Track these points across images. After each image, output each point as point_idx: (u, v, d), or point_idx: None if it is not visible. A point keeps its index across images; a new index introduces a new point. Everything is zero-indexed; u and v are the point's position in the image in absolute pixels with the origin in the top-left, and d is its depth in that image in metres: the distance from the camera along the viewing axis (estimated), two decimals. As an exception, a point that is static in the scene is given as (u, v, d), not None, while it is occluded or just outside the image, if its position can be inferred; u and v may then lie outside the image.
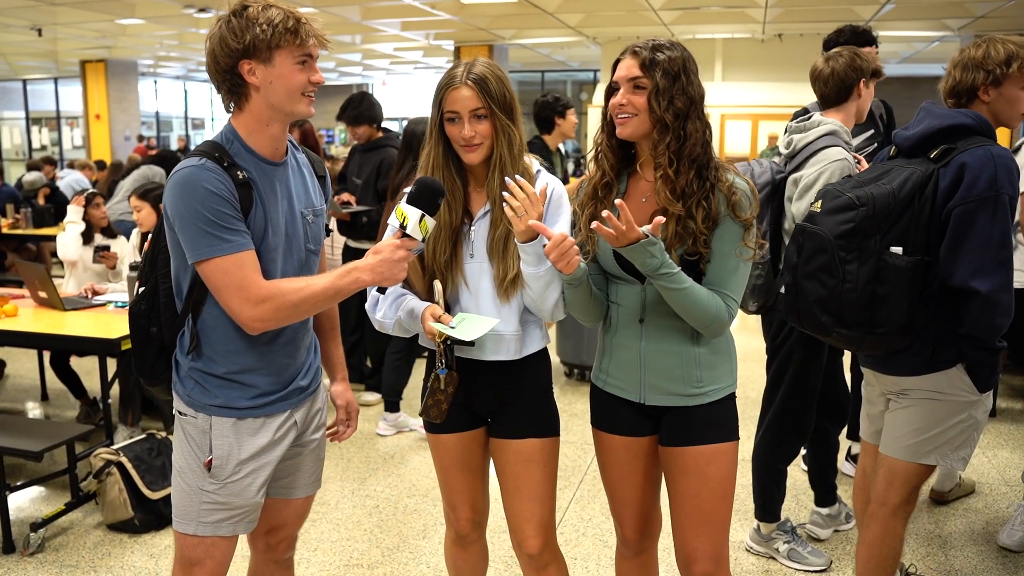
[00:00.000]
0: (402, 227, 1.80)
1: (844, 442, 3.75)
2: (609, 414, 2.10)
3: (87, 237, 4.83)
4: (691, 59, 1.93)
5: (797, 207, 2.70)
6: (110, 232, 4.95)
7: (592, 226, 1.82)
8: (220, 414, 1.87)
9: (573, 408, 4.84)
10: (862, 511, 2.70)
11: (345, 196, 4.76)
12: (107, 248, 4.82)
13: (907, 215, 2.17)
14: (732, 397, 2.04)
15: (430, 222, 1.83)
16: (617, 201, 1.79)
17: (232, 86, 1.77)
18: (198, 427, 1.88)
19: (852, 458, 3.74)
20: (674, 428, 2.01)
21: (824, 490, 3.25)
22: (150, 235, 1.97)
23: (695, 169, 1.89)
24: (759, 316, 3.08)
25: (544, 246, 1.88)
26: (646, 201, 1.97)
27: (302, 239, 1.92)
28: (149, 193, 4.34)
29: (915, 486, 2.35)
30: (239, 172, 1.76)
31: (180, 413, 1.92)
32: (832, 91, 2.84)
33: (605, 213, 1.79)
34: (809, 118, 2.86)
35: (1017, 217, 2.39)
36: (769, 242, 2.84)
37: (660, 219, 1.80)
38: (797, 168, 2.79)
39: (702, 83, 1.94)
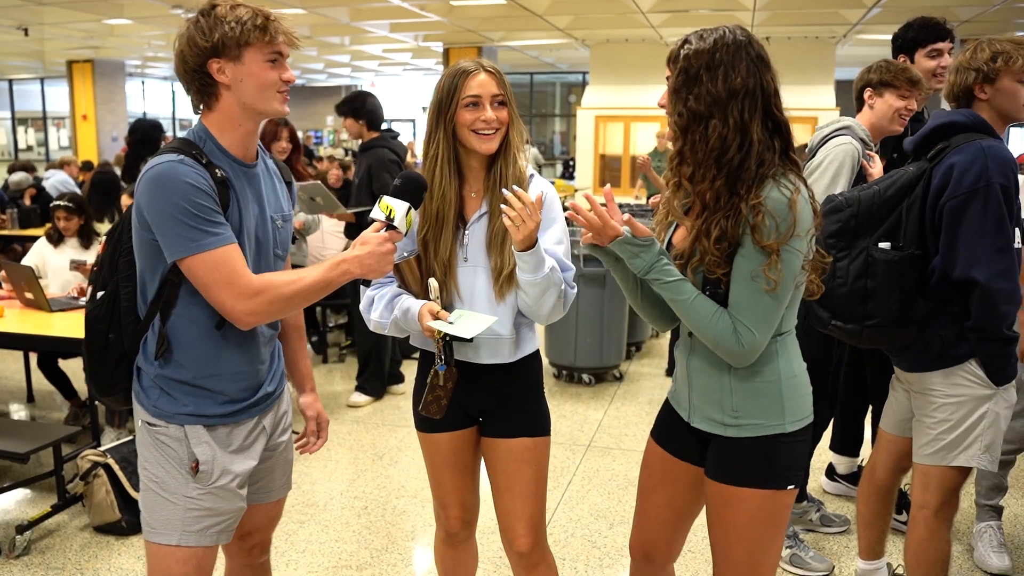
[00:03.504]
0: (388, 219, 1.80)
1: (829, 457, 3.76)
2: (665, 428, 2.00)
3: (56, 241, 4.77)
4: (732, 48, 1.68)
5: None
6: (89, 236, 4.84)
7: (565, 215, 1.81)
8: (191, 422, 1.81)
9: (561, 410, 4.85)
10: (866, 508, 2.72)
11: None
12: (83, 262, 4.72)
13: (895, 212, 2.27)
14: (779, 438, 1.77)
15: (414, 216, 1.85)
16: (585, 194, 1.79)
17: (202, 86, 1.74)
18: (173, 436, 1.81)
19: (837, 476, 3.73)
20: (711, 458, 1.86)
21: None
22: (104, 237, 1.91)
23: (724, 177, 1.68)
24: None
25: (551, 246, 1.90)
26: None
27: (271, 244, 1.89)
28: None
29: (951, 488, 2.36)
30: (217, 170, 1.73)
31: (149, 424, 1.83)
32: (855, 98, 2.99)
33: (570, 203, 1.75)
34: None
35: None
36: None
37: (628, 216, 1.74)
38: (808, 161, 2.90)
39: (754, 75, 1.68)
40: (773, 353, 1.78)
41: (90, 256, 4.75)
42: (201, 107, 1.79)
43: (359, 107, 4.68)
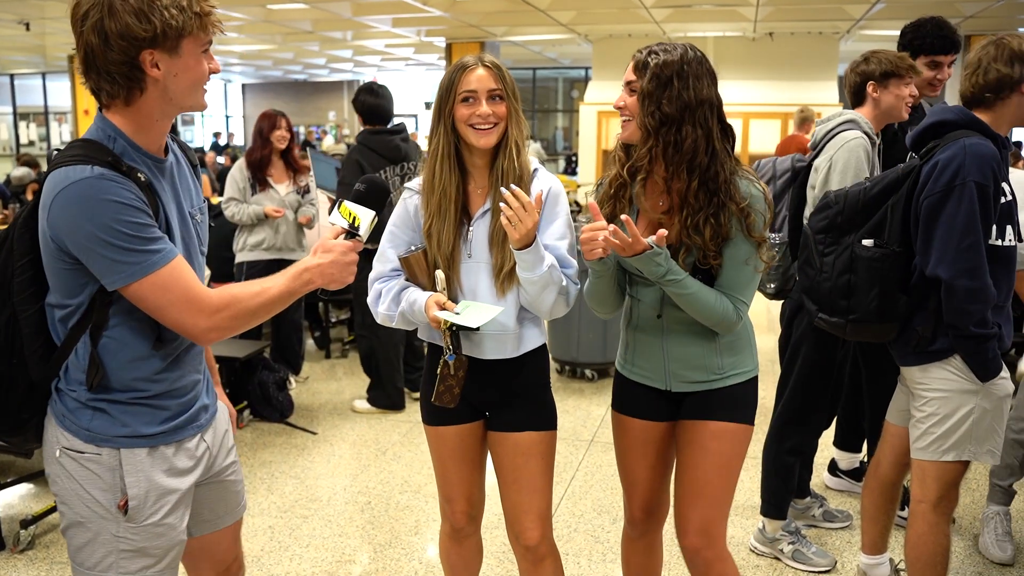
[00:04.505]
0: (352, 227, 1.71)
1: (832, 453, 3.77)
2: (631, 399, 2.19)
3: None
4: (695, 62, 1.89)
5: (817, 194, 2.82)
6: None
7: (600, 239, 1.85)
8: (130, 445, 1.61)
9: (564, 405, 4.85)
10: (870, 502, 2.72)
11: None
12: None
13: (881, 210, 2.32)
14: (753, 381, 2.10)
15: (374, 223, 1.75)
16: (623, 217, 1.83)
17: (127, 79, 1.50)
18: (104, 464, 1.60)
19: (840, 472, 3.73)
20: (692, 405, 2.09)
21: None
22: None
23: (698, 178, 1.89)
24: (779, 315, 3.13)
25: (544, 249, 1.92)
26: (662, 204, 2.01)
27: (196, 243, 1.72)
28: None
29: (949, 483, 2.37)
30: (139, 174, 1.52)
31: (74, 451, 1.60)
32: (850, 94, 2.99)
33: (612, 228, 1.83)
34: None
35: None
36: (789, 227, 3.00)
37: (663, 232, 1.86)
38: (815, 157, 2.91)
39: (711, 87, 1.90)
40: None
41: None
42: (110, 101, 1.55)
43: (364, 101, 4.66)
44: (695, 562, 2.12)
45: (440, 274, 2.00)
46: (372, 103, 4.63)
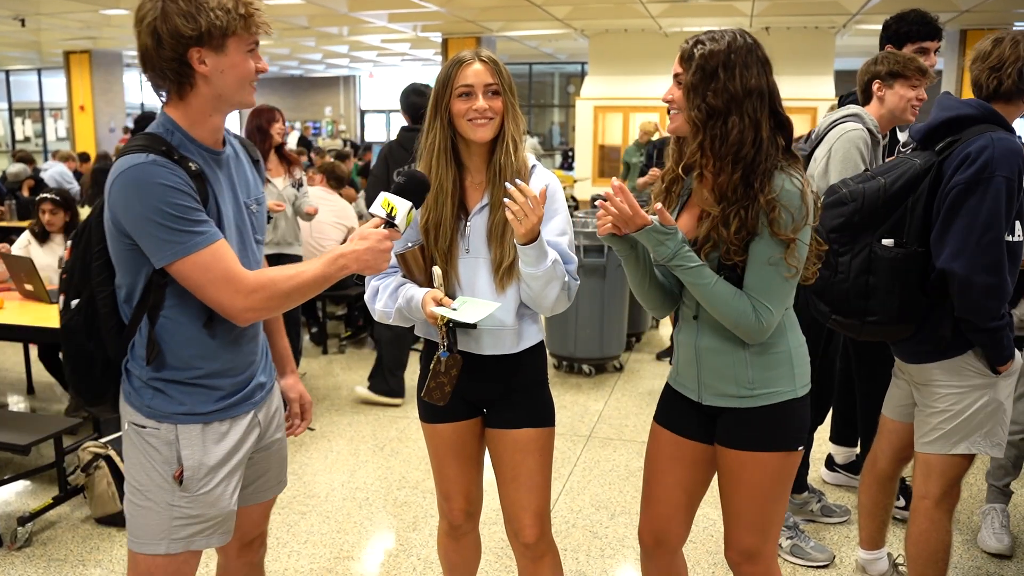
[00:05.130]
0: (389, 217, 1.79)
1: (828, 447, 3.78)
2: (669, 409, 2.08)
3: (41, 238, 4.74)
4: (743, 51, 1.79)
5: (819, 186, 2.80)
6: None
7: (595, 203, 1.83)
8: (186, 421, 1.75)
9: (562, 400, 4.85)
10: (867, 498, 2.72)
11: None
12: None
13: (900, 208, 2.24)
14: (792, 403, 1.91)
15: (415, 214, 1.85)
16: (616, 184, 1.80)
17: (177, 76, 1.64)
18: (162, 438, 1.75)
19: (836, 466, 3.74)
20: (724, 427, 1.96)
21: None
22: (70, 241, 1.84)
23: (741, 171, 1.78)
24: None
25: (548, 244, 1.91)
26: (707, 198, 1.92)
27: (251, 231, 1.84)
28: None
29: (953, 478, 2.37)
30: (190, 164, 1.66)
31: (139, 426, 1.77)
32: (859, 92, 2.97)
33: (606, 193, 1.80)
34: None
35: None
36: None
37: (658, 205, 1.81)
38: (815, 147, 2.90)
39: (762, 76, 1.80)
40: (783, 327, 1.92)
41: None
42: (167, 97, 1.70)
43: (402, 99, 4.73)
44: (736, 573, 2.07)
45: (437, 270, 2.00)
46: (418, 103, 4.69)
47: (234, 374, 1.82)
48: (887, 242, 2.26)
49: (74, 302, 1.79)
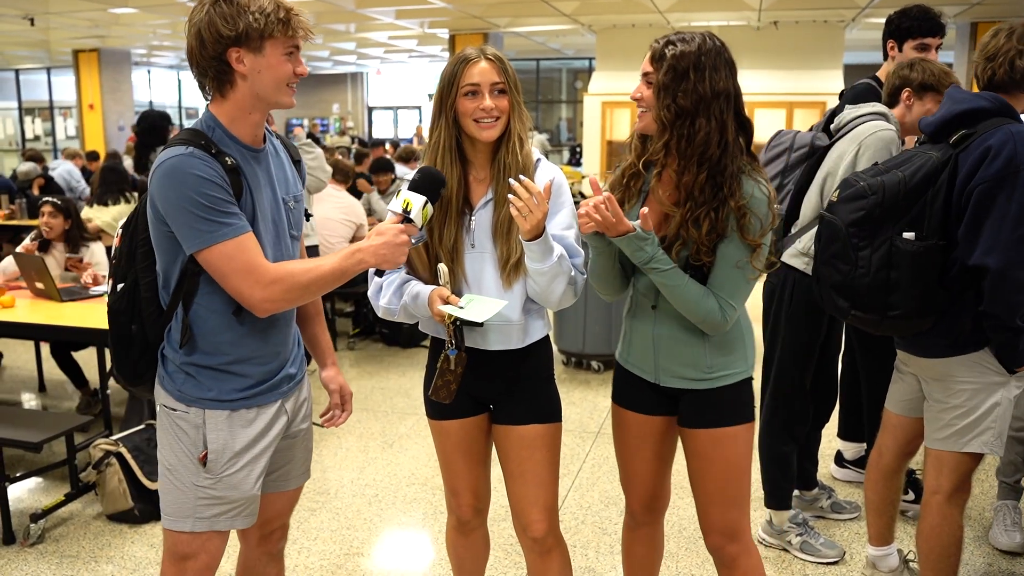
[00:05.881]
0: (405, 212, 1.82)
1: (837, 444, 3.76)
2: (628, 391, 2.16)
3: (43, 248, 4.71)
4: (713, 53, 1.85)
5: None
6: (82, 236, 4.75)
7: (580, 212, 1.87)
8: (214, 407, 1.84)
9: (571, 397, 4.85)
10: (874, 493, 2.72)
11: None
12: (80, 259, 4.67)
13: (920, 201, 2.22)
14: (747, 381, 2.06)
15: (431, 210, 1.87)
16: (605, 194, 1.83)
17: (217, 73, 1.74)
18: (190, 422, 1.85)
19: (846, 462, 3.73)
20: (688, 410, 2.07)
21: (797, 476, 3.25)
22: (119, 230, 1.95)
23: (707, 172, 1.85)
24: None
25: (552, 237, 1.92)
26: (671, 197, 1.97)
27: (286, 226, 1.92)
28: None
29: (964, 473, 2.37)
30: (227, 158, 1.75)
31: (169, 408, 1.87)
32: (887, 93, 2.93)
33: (592, 201, 1.83)
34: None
35: None
36: (790, 201, 2.92)
37: (644, 210, 1.84)
38: (838, 139, 2.85)
39: (729, 79, 1.86)
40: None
41: (85, 256, 4.70)
42: (211, 95, 1.79)
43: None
44: (720, 557, 2.12)
45: (443, 267, 1.99)
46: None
47: (262, 363, 1.89)
48: (908, 235, 2.22)
49: (120, 286, 1.90)
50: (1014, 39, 2.23)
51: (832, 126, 2.96)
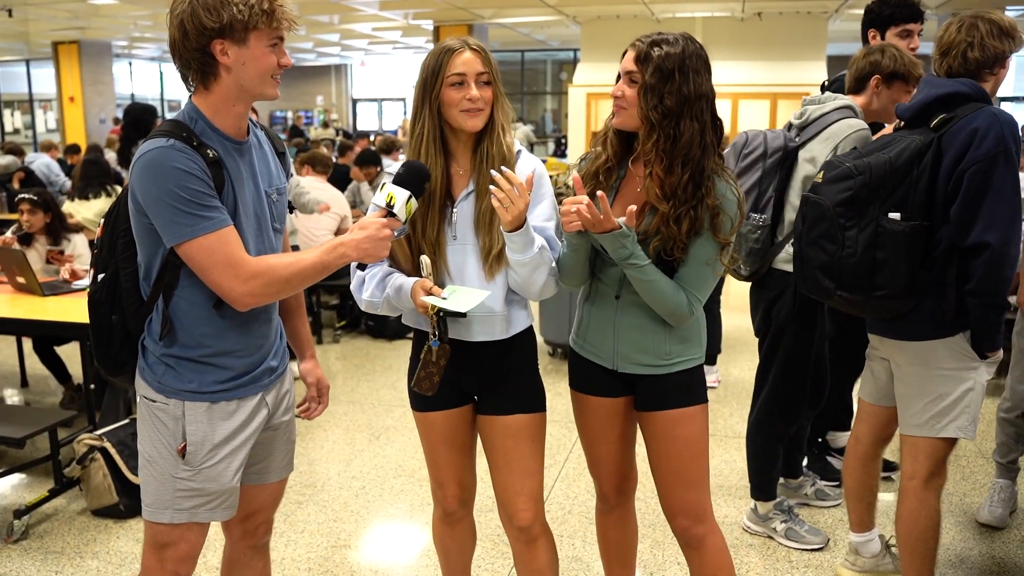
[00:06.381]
0: (388, 206, 1.82)
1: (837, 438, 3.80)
2: (585, 376, 2.20)
3: (26, 241, 4.67)
4: (695, 56, 1.90)
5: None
6: (64, 228, 4.71)
7: (571, 208, 1.87)
8: (193, 399, 1.84)
9: (557, 387, 4.84)
10: (852, 480, 2.75)
11: None
12: (60, 252, 4.64)
13: (905, 182, 2.26)
14: (700, 367, 2.13)
15: (414, 204, 1.87)
16: (599, 193, 1.86)
17: (201, 66, 1.72)
18: (170, 413, 1.84)
19: (833, 451, 3.76)
20: (646, 394, 2.12)
21: (784, 464, 3.29)
22: (102, 220, 1.94)
23: (690, 171, 1.90)
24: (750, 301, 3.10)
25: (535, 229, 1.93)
26: (641, 191, 2.00)
27: (269, 218, 1.91)
28: None
29: (940, 458, 2.40)
30: (208, 151, 1.73)
31: (149, 400, 1.86)
32: (852, 78, 2.92)
33: (585, 201, 1.85)
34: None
35: None
36: (772, 208, 2.90)
37: (632, 208, 1.86)
38: (808, 140, 2.83)
39: (708, 81, 1.91)
40: None
41: (67, 248, 4.67)
42: (195, 86, 1.77)
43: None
44: (687, 539, 2.15)
45: (426, 259, 1.99)
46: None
47: (243, 355, 1.88)
48: (894, 216, 2.25)
49: (100, 276, 1.89)
50: (963, 32, 2.28)
51: (797, 121, 2.93)
